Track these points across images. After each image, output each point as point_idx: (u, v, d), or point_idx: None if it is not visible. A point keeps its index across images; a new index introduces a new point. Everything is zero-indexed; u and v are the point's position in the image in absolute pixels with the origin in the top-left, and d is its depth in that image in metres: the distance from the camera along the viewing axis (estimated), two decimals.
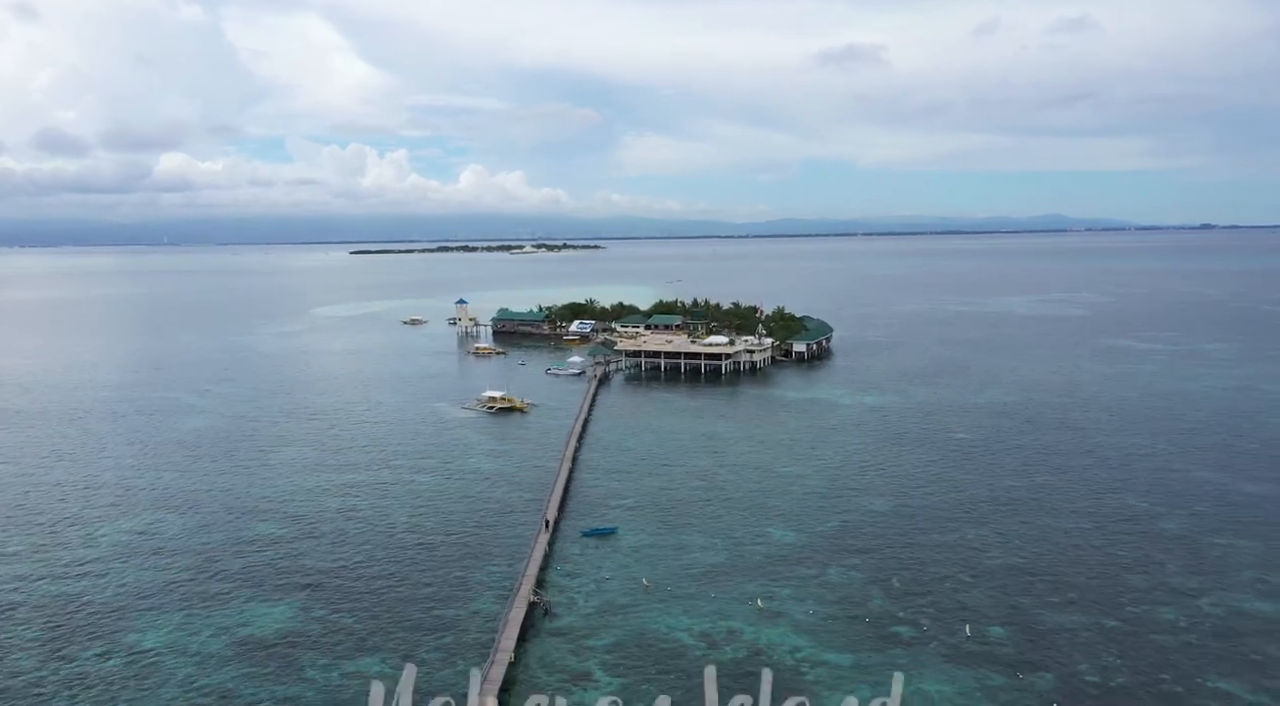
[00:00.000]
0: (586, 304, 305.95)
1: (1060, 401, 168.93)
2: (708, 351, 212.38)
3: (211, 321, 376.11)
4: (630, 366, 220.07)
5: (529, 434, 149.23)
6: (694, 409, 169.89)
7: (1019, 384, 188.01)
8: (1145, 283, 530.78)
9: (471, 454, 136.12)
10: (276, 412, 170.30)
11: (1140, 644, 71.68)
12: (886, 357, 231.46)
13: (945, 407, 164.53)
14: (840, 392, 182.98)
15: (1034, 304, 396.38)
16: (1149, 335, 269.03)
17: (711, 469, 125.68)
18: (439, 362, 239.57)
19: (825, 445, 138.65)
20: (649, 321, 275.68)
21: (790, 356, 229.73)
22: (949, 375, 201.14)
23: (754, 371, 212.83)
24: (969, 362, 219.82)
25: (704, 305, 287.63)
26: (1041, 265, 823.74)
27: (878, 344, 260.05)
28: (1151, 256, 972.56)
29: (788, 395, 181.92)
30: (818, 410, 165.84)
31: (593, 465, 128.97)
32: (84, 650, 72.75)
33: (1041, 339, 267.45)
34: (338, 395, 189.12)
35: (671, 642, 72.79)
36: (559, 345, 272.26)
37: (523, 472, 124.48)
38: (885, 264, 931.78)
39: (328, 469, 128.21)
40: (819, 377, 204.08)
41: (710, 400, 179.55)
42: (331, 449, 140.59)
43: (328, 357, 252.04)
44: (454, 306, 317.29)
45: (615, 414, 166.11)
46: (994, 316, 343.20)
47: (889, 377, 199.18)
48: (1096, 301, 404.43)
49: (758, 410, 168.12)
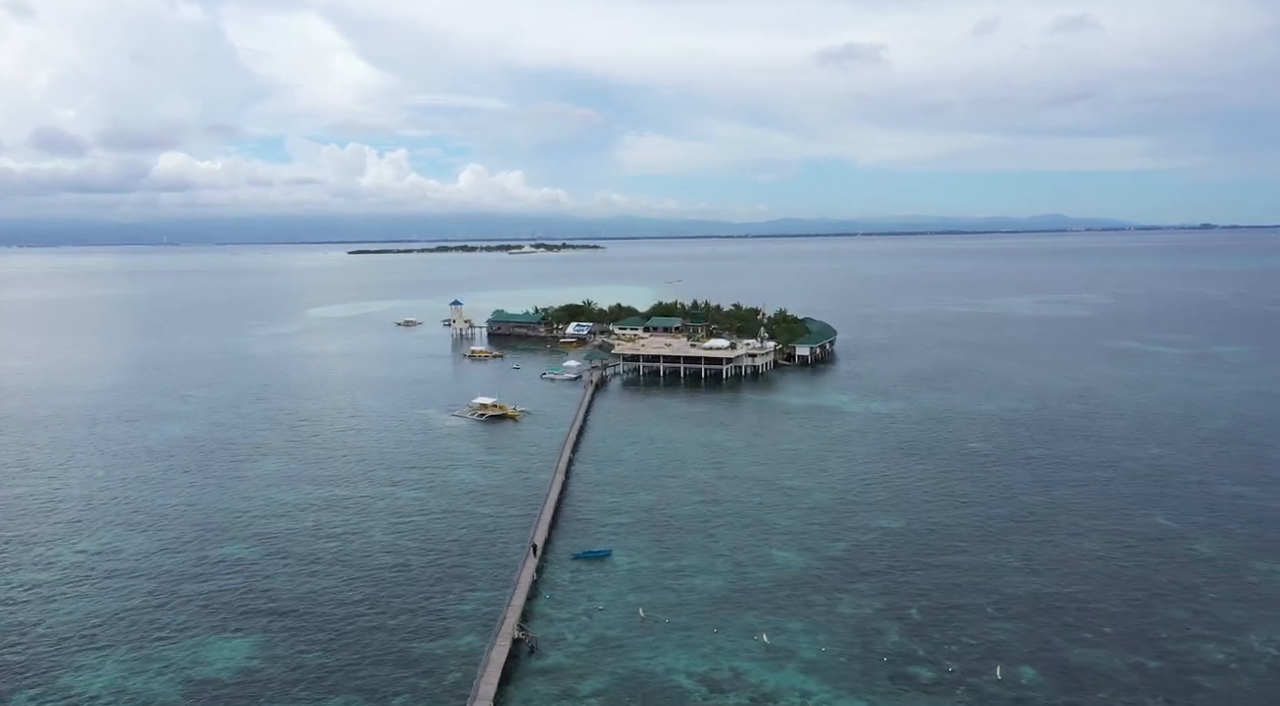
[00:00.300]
0: (584, 305, 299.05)
1: (1074, 408, 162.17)
2: (708, 355, 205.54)
3: (207, 322, 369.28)
4: (628, 370, 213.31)
5: (520, 444, 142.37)
6: (693, 416, 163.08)
7: (1029, 389, 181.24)
8: (1145, 283, 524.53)
9: (459, 465, 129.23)
10: (258, 419, 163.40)
11: (1188, 688, 64.79)
12: (891, 361, 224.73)
13: (955, 415, 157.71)
14: (845, 399, 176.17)
15: (1035, 305, 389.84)
16: (1154, 337, 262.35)
17: (712, 482, 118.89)
18: (431, 366, 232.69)
19: (831, 456, 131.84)
20: (648, 323, 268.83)
21: (793, 360, 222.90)
22: (956, 379, 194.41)
23: (756, 376, 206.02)
24: (975, 366, 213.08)
25: (704, 307, 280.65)
26: (1041, 265, 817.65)
27: (881, 346, 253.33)
28: (1151, 256, 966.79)
29: (791, 401, 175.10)
30: (823, 418, 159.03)
31: (586, 478, 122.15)
32: (13, 693, 65.77)
33: (1045, 341, 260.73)
34: (324, 401, 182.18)
35: (669, 686, 65.89)
36: (555, 348, 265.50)
37: (511, 487, 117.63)
38: (885, 264, 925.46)
39: (305, 481, 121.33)
40: (823, 383, 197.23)
41: (710, 406, 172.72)
42: (311, 460, 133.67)
43: (318, 361, 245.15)
44: (449, 308, 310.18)
45: (611, 421, 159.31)
46: (996, 318, 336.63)
47: (895, 382, 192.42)
48: (1098, 302, 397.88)
49: (760, 418, 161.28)
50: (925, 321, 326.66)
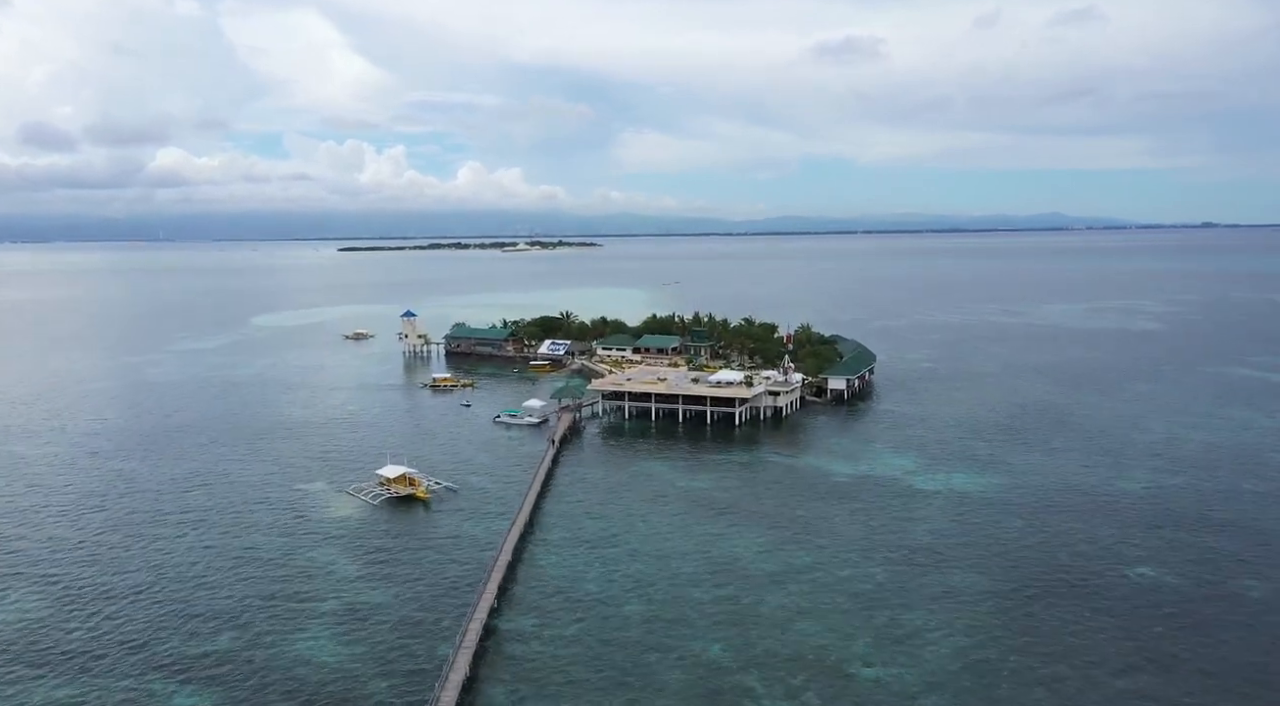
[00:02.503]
0: (563, 319, 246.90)
1: (1256, 489, 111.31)
2: (716, 394, 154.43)
3: (129, 334, 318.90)
4: (610, 410, 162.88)
5: (426, 555, 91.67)
6: (696, 497, 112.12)
7: (1164, 450, 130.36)
8: (1202, 288, 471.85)
9: (304, 615, 78.36)
10: (61, 494, 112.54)
11: None
12: (949, 396, 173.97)
13: (1085, 502, 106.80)
14: (907, 464, 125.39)
15: (1087, 315, 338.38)
16: (1265, 361, 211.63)
17: (730, 664, 68.22)
18: (366, 401, 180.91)
19: (918, 594, 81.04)
20: (638, 343, 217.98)
21: (824, 395, 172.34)
22: (1050, 429, 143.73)
23: (779, 420, 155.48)
24: (1063, 406, 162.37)
25: (708, 322, 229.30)
26: (1070, 266, 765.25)
27: (929, 373, 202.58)
28: (1175, 257, 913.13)
29: (833, 470, 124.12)
30: (884, 501, 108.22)
31: (521, 636, 71.89)
32: None
33: (1131, 365, 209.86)
34: (174, 462, 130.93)
35: None
36: (524, 372, 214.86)
37: (375, 677, 66.86)
38: (894, 264, 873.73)
39: (26, 657, 70.55)
40: (869, 433, 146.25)
41: (719, 477, 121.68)
42: (63, 595, 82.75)
43: (218, 392, 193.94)
44: (401, 321, 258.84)
45: (575, 500, 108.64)
46: (1050, 331, 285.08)
47: (967, 434, 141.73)
48: (1160, 311, 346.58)
49: (791, 502, 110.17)
50: (968, 335, 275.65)
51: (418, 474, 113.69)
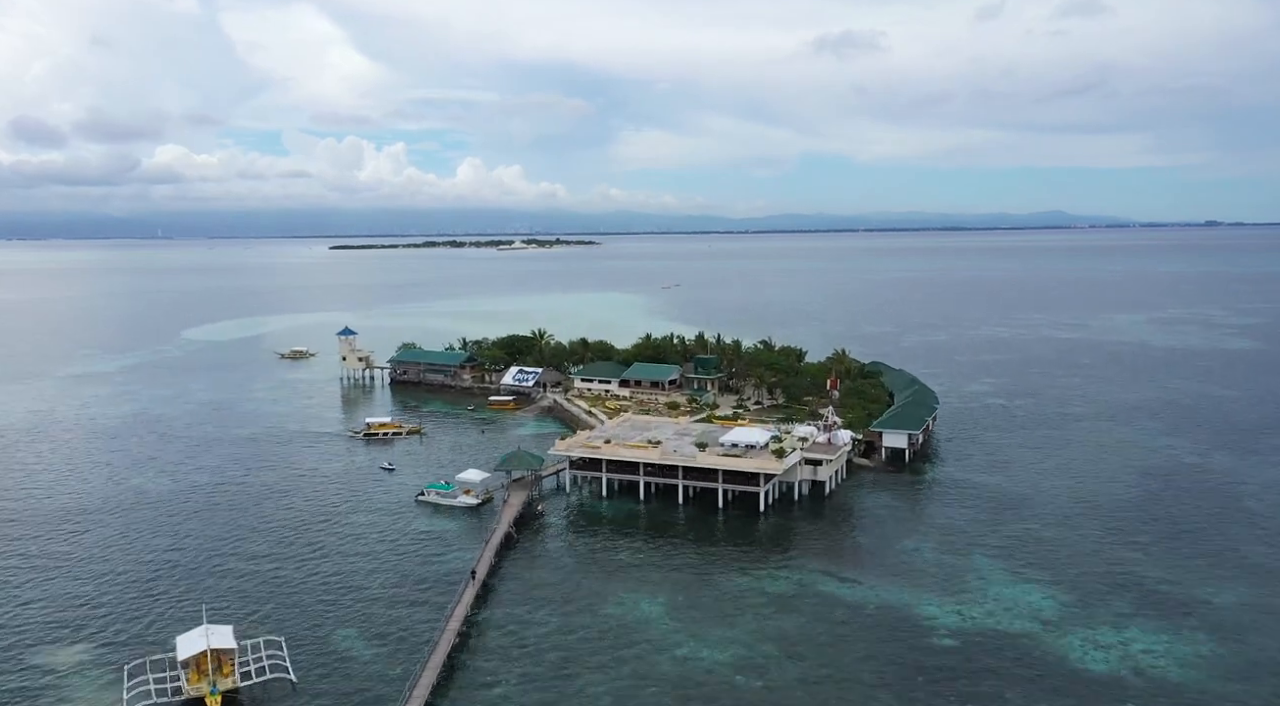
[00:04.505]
0: (534, 339, 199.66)
1: None
2: (731, 467, 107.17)
3: (19, 349, 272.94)
4: (584, 483, 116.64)
5: None
6: (709, 679, 65.64)
7: None
8: (1272, 293, 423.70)
9: None
10: None
11: None
12: (1045, 457, 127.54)
13: None
14: (1039, 600, 79.07)
15: (1157, 327, 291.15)
16: None
17: None
18: (257, 464, 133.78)
19: None
20: (626, 374, 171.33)
21: (875, 454, 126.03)
22: (1225, 519, 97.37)
23: (820, 502, 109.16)
24: (1223, 476, 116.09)
25: (717, 345, 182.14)
26: (1096, 266, 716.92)
27: (1002, 415, 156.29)
28: (1201, 256, 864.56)
29: (924, 614, 77.52)
30: (1027, 697, 61.84)
31: None
32: None
33: (1260, 403, 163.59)
34: None
35: None
36: (480, 408, 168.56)
37: None
38: (906, 263, 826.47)
39: None
40: (959, 530, 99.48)
41: (746, 628, 75.10)
42: None
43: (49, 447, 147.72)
44: (337, 339, 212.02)
45: (503, 677, 62.30)
46: (1129, 352, 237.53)
47: (1108, 532, 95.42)
48: (1240, 323, 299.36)
49: (869, 700, 63.69)
50: (1030, 356, 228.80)
51: (237, 647, 67.04)
